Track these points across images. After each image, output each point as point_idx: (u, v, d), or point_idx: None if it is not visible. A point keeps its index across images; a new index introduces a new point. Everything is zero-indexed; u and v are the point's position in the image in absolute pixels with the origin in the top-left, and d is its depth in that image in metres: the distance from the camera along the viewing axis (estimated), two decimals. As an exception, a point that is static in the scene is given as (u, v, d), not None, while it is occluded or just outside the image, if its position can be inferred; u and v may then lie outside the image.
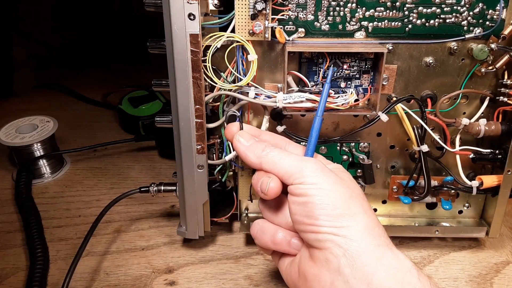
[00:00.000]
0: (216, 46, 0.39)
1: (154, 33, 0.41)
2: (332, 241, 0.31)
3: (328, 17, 0.40)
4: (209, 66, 0.39)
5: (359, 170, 0.48)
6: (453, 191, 0.49)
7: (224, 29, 0.40)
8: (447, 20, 0.40)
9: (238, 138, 0.38)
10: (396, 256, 0.31)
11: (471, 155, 0.46)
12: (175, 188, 0.47)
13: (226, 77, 0.41)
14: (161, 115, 0.44)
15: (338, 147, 0.47)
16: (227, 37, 0.39)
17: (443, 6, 0.40)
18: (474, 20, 0.40)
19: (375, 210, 0.51)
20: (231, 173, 0.48)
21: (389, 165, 0.49)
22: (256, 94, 0.41)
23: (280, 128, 0.44)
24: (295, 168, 0.34)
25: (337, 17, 0.40)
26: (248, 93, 0.41)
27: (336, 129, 0.46)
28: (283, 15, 0.40)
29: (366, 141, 0.47)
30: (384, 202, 0.51)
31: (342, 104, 0.41)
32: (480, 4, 0.40)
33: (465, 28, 0.41)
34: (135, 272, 0.47)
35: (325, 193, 0.32)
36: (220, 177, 0.47)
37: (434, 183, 0.48)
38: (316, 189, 0.32)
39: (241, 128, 0.39)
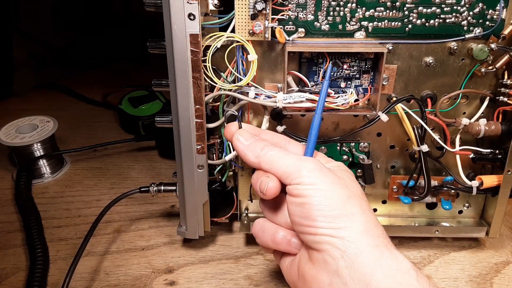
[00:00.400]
0: (216, 46, 0.39)
1: (154, 33, 0.41)
2: (330, 243, 0.31)
3: (328, 17, 0.40)
4: (209, 66, 0.39)
5: (359, 170, 0.48)
6: (453, 191, 0.49)
7: (224, 29, 0.40)
8: (447, 20, 0.40)
9: (237, 136, 0.38)
10: (395, 257, 0.31)
11: (471, 155, 0.46)
12: (175, 188, 0.47)
13: (226, 77, 0.41)
14: (161, 115, 0.44)
15: (338, 147, 0.47)
16: (227, 37, 0.39)
17: (443, 6, 0.40)
18: (474, 20, 0.40)
19: (375, 210, 0.51)
20: (231, 173, 0.48)
21: (389, 165, 0.49)
22: (256, 94, 0.41)
23: (280, 128, 0.44)
24: (293, 168, 0.33)
25: (337, 17, 0.40)
26: (248, 93, 0.41)
27: (336, 129, 0.46)
28: (283, 15, 0.40)
29: (366, 141, 0.47)
30: (384, 202, 0.51)
31: (342, 104, 0.41)
32: (480, 4, 0.40)
33: (465, 28, 0.41)
34: (135, 272, 0.47)
35: (323, 194, 0.32)
36: (220, 177, 0.47)
37: (434, 183, 0.48)
38: (313, 189, 0.32)
39: (240, 127, 0.39)
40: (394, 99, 0.43)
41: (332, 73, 0.41)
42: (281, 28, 0.40)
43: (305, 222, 0.32)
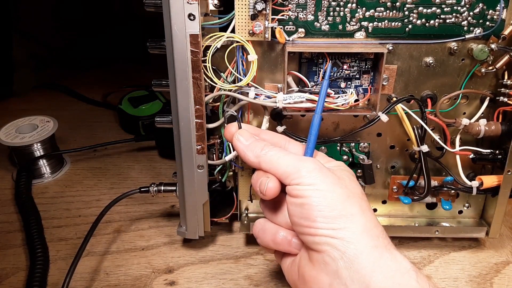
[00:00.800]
0: (216, 46, 0.39)
1: (154, 33, 0.41)
2: (330, 244, 0.30)
3: (328, 17, 0.40)
4: (209, 66, 0.39)
5: (359, 170, 0.48)
6: (453, 191, 0.49)
7: (224, 29, 0.40)
8: (447, 20, 0.40)
9: (237, 136, 0.37)
10: (394, 258, 0.30)
11: (471, 155, 0.46)
12: (175, 188, 0.48)
13: (226, 77, 0.41)
14: (161, 115, 0.44)
15: (338, 147, 0.47)
16: (227, 37, 0.39)
17: (443, 6, 0.40)
18: (474, 20, 0.40)
19: (375, 210, 0.51)
20: (231, 173, 0.48)
21: (389, 165, 0.49)
22: (256, 94, 0.41)
23: (280, 129, 0.44)
24: (292, 168, 0.33)
25: (337, 17, 0.40)
26: (248, 93, 0.41)
27: (336, 129, 0.46)
28: (283, 15, 0.40)
29: (366, 141, 0.47)
30: (384, 202, 0.51)
31: (342, 104, 0.41)
32: (480, 4, 0.40)
33: (465, 28, 0.41)
34: (135, 272, 0.47)
35: (322, 194, 0.32)
36: (220, 177, 0.47)
37: (434, 183, 0.48)
38: (313, 190, 0.32)
39: (240, 127, 0.39)
40: (394, 99, 0.43)
41: (331, 73, 0.41)
42: (281, 28, 0.40)
43: (305, 223, 0.32)
